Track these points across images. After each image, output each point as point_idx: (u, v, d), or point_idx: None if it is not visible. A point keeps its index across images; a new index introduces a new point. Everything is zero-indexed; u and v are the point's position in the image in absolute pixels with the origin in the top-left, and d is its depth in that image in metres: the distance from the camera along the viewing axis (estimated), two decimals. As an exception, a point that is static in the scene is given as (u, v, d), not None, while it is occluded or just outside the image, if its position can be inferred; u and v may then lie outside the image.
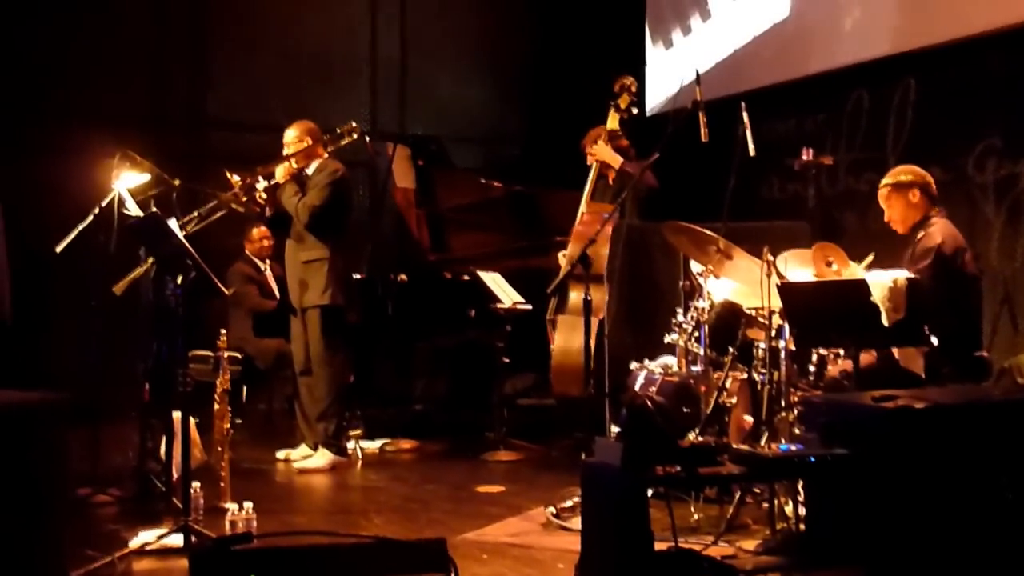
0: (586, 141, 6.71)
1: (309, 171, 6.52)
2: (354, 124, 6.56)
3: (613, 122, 6.45)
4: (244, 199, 6.27)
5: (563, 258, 6.55)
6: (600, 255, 6.01)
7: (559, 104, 9.25)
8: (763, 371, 4.90)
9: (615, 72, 6.58)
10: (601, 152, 6.44)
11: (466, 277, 7.45)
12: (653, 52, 9.57)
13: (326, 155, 6.56)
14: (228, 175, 6.26)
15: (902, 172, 5.15)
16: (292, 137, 6.56)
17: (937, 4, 6.96)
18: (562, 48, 9.85)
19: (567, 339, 6.15)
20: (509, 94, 9.92)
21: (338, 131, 6.57)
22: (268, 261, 7.97)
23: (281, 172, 6.47)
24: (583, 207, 6.50)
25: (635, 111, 6.45)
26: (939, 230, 4.97)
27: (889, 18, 7.31)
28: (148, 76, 8.85)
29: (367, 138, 6.66)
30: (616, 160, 6.43)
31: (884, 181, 5.16)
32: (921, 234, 4.99)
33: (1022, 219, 6.54)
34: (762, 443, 4.61)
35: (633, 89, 6.42)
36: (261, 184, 6.34)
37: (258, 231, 7.87)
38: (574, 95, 8.87)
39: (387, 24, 9.80)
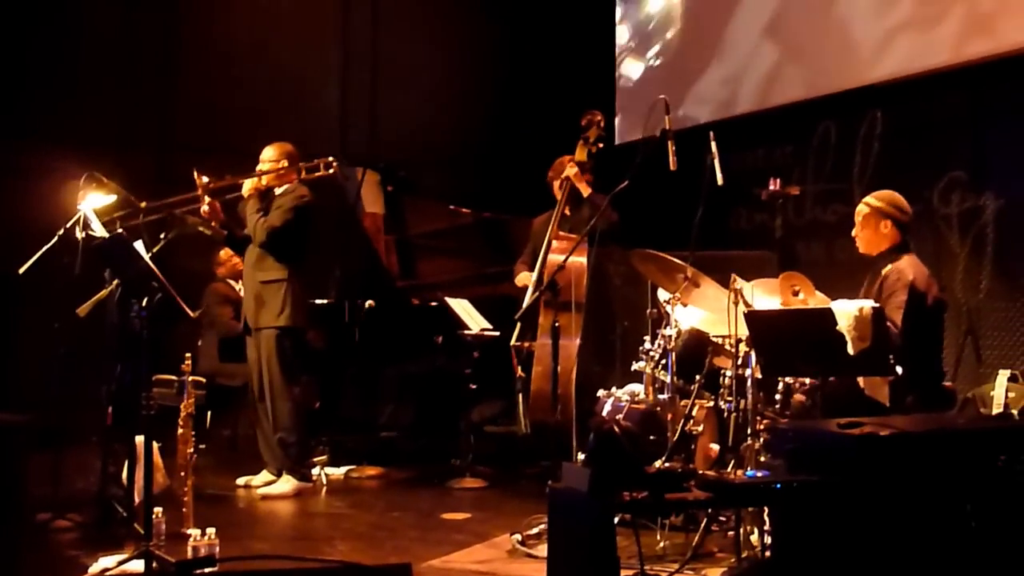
0: (552, 172, 6.71)
1: (278, 192, 6.51)
2: (332, 159, 6.52)
3: (581, 154, 6.47)
4: (206, 202, 6.24)
5: (526, 276, 6.56)
6: (579, 284, 6.01)
7: (528, 132, 9.28)
8: (730, 399, 4.91)
9: (585, 105, 6.61)
10: (574, 173, 6.45)
11: (434, 303, 7.44)
12: (623, 80, 9.63)
13: (297, 181, 6.55)
14: (196, 175, 6.23)
15: (885, 198, 5.13)
16: (269, 156, 6.56)
17: (902, 38, 7.05)
18: (532, 76, 9.90)
19: (548, 365, 6.12)
20: (479, 121, 9.93)
21: (315, 161, 6.54)
22: (241, 281, 7.93)
23: (248, 186, 6.48)
24: (550, 236, 6.48)
25: (602, 145, 6.48)
26: (908, 265, 4.98)
27: (855, 51, 7.40)
28: (117, 99, 8.80)
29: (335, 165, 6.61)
30: (586, 188, 6.46)
31: (866, 200, 5.16)
32: (888, 268, 5.00)
33: (986, 251, 6.62)
34: (728, 470, 4.61)
35: (602, 124, 6.45)
36: (202, 186, 6.26)
37: (225, 253, 7.85)
38: (543, 123, 8.91)
39: (358, 49, 9.82)
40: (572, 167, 6.47)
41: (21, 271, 5.62)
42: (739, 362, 4.78)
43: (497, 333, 7.08)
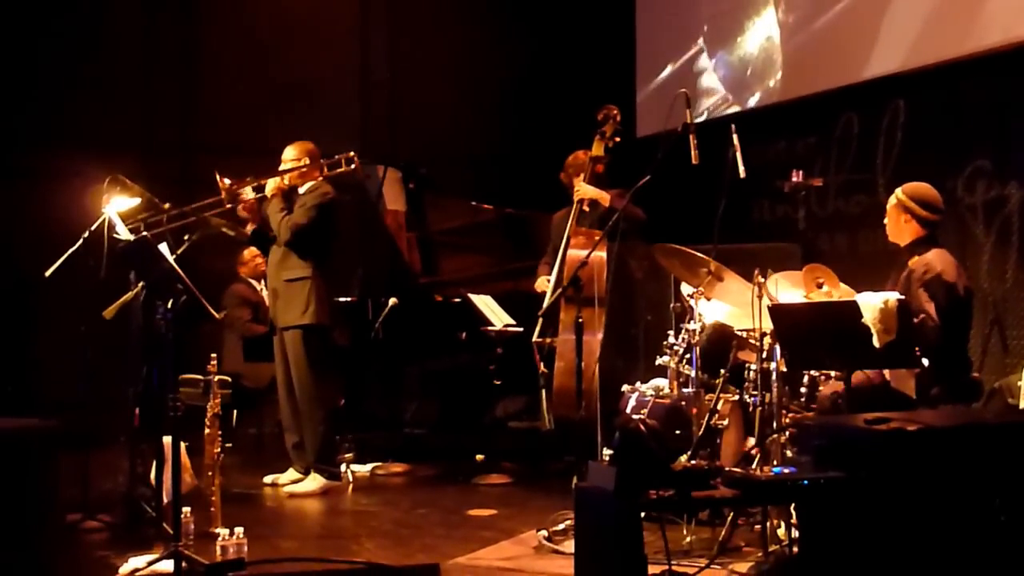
0: (566, 170, 6.65)
1: (301, 191, 6.53)
2: (353, 154, 6.52)
3: (598, 149, 6.42)
4: (228, 205, 6.29)
5: (545, 281, 6.53)
6: (599, 279, 5.97)
7: (549, 127, 9.26)
8: (755, 393, 4.90)
9: (603, 99, 6.58)
10: (587, 192, 6.37)
11: (457, 300, 7.44)
12: (643, 75, 9.60)
13: (320, 178, 6.57)
14: (218, 177, 6.26)
15: (911, 193, 5.03)
16: (290, 155, 6.58)
17: (925, 27, 7.01)
18: (553, 71, 9.87)
19: (570, 361, 6.10)
20: (498, 118, 9.92)
21: (337, 158, 6.56)
22: (263, 281, 7.97)
23: (271, 186, 6.48)
24: (569, 233, 6.43)
25: (619, 139, 6.42)
26: (935, 258, 4.92)
27: (878, 41, 7.35)
28: (139, 101, 8.86)
29: (356, 160, 6.62)
30: (604, 198, 6.35)
31: (896, 191, 5.09)
32: (915, 259, 4.95)
33: (1011, 240, 6.57)
34: (754, 466, 4.59)
35: (618, 118, 6.40)
36: (248, 193, 6.35)
37: (249, 252, 7.93)
38: (564, 117, 8.89)
39: (377, 47, 9.84)
40: (581, 187, 6.36)
41: (47, 274, 5.66)
42: (764, 356, 4.76)
43: (520, 329, 7.07)
